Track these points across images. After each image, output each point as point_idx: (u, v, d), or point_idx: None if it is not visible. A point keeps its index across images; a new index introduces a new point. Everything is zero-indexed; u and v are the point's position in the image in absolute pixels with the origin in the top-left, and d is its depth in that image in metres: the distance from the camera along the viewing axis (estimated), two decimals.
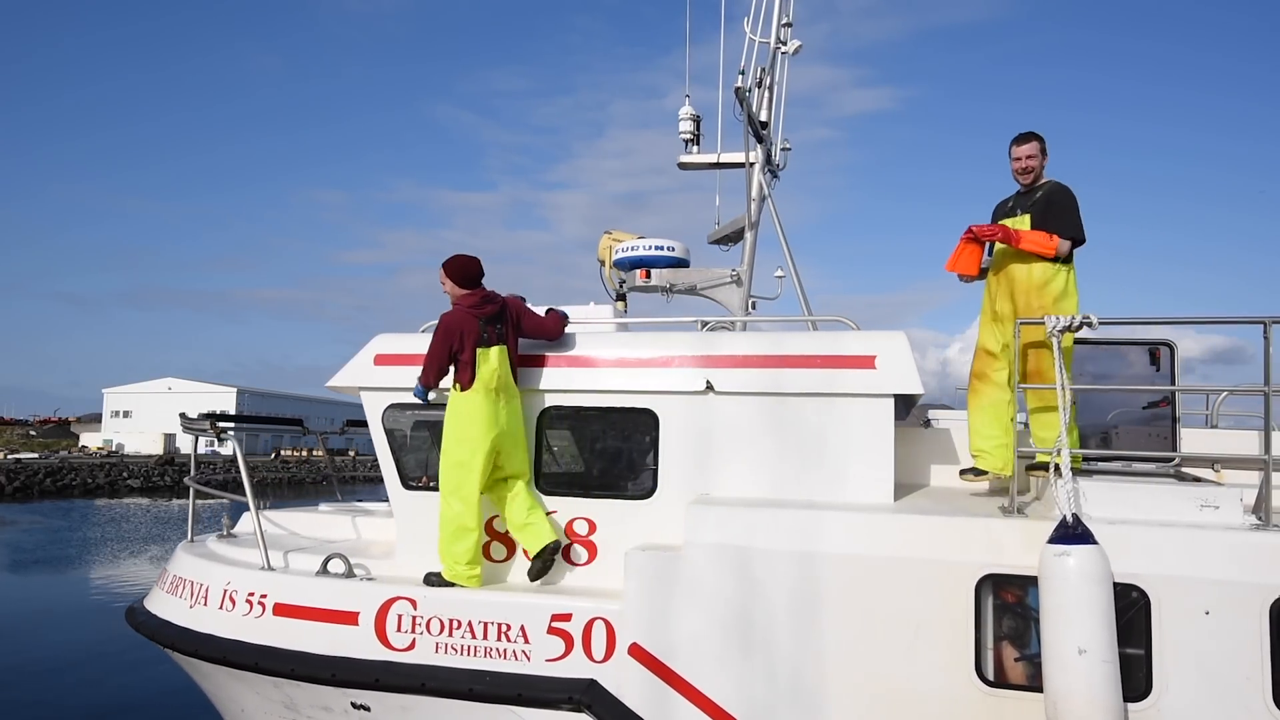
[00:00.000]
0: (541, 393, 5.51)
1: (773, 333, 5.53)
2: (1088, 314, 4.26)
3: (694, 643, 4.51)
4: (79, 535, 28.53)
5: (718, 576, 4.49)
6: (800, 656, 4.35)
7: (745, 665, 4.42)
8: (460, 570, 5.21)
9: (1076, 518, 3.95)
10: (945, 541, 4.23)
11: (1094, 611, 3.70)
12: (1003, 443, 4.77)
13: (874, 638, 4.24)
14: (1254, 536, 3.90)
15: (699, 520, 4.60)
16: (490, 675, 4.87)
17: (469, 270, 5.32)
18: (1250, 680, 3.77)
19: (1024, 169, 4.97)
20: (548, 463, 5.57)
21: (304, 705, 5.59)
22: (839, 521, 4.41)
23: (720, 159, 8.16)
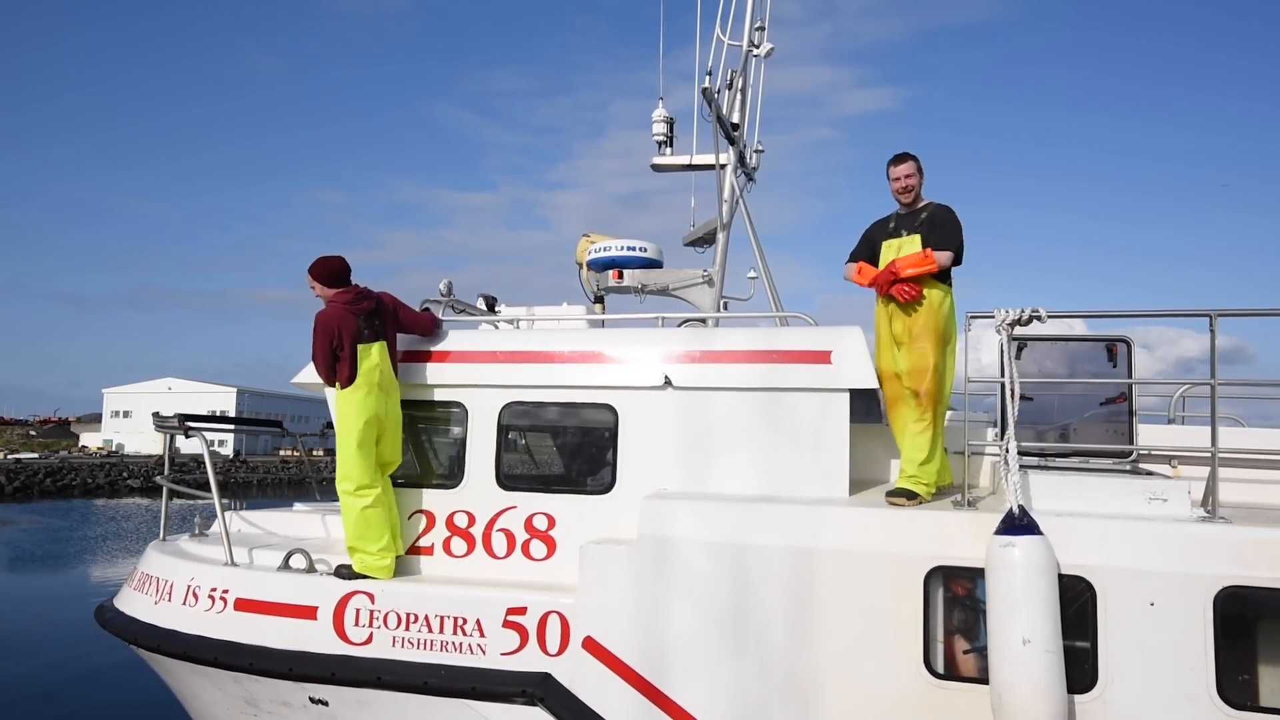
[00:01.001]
0: (501, 388, 5.52)
1: (732, 328, 5.53)
2: (1037, 308, 4.26)
3: (646, 636, 4.51)
4: (79, 535, 28.61)
5: (670, 570, 4.50)
6: (751, 649, 4.34)
7: (698, 658, 4.41)
8: (370, 562, 5.27)
9: (1023, 509, 3.95)
10: (894, 534, 4.23)
11: (1038, 602, 3.71)
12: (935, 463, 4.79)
13: (824, 630, 4.24)
14: (1198, 528, 3.91)
15: (652, 514, 4.61)
16: (445, 669, 4.88)
17: (335, 269, 5.42)
18: (1194, 671, 3.77)
19: (904, 188, 5.00)
20: (507, 458, 5.57)
21: (264, 700, 5.60)
22: (789, 515, 4.42)
23: (693, 161, 8.18)
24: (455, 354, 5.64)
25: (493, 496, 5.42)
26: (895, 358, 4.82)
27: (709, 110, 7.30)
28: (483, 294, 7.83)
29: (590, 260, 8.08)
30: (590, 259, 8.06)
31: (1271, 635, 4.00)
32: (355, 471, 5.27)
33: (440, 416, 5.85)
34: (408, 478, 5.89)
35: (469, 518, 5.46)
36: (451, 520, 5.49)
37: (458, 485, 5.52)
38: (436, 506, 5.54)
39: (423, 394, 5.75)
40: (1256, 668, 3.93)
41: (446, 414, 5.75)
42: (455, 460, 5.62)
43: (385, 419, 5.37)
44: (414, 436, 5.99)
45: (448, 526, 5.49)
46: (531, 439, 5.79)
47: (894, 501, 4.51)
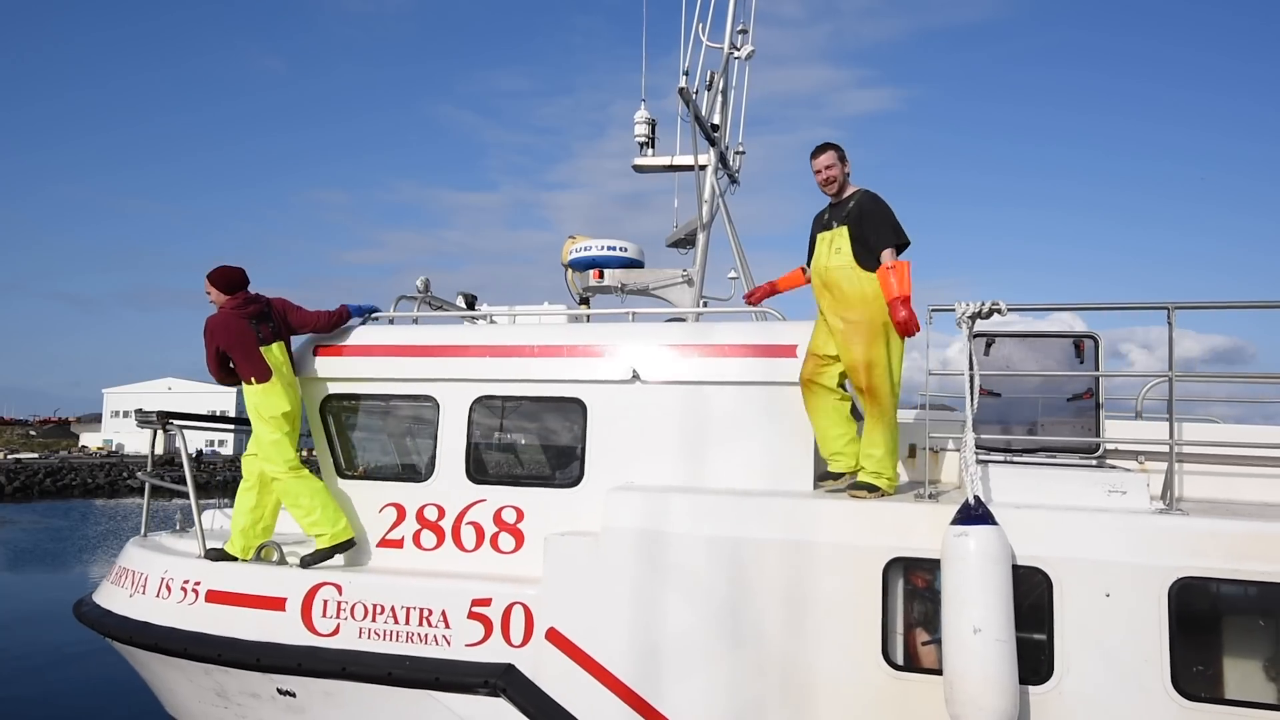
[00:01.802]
0: (472, 382, 5.54)
1: (699, 323, 5.56)
2: (997, 301, 4.27)
3: (610, 627, 4.52)
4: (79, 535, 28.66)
5: (633, 562, 4.51)
6: (713, 640, 4.35)
7: (661, 650, 4.42)
8: (339, 527, 5.46)
9: (978, 499, 3.96)
10: (854, 525, 4.24)
11: (991, 591, 3.71)
12: (852, 437, 4.77)
13: (786, 621, 4.25)
14: (1154, 520, 3.91)
15: (617, 506, 4.63)
16: (410, 660, 4.89)
17: (233, 278, 5.70)
18: (1149, 662, 3.76)
19: (826, 180, 4.93)
20: (477, 452, 5.59)
21: (233, 692, 5.62)
22: (750, 506, 4.43)
23: (674, 162, 8.22)
24: (427, 348, 5.67)
25: (462, 490, 5.44)
26: (826, 342, 4.75)
27: (687, 111, 7.35)
28: (463, 292, 7.88)
29: (571, 260, 8.13)
30: (571, 259, 8.12)
31: (1226, 626, 4.00)
32: (284, 454, 5.54)
33: (412, 410, 5.87)
34: (379, 471, 5.92)
35: (439, 511, 5.48)
36: (421, 513, 5.51)
37: (428, 479, 5.54)
38: (407, 500, 5.56)
39: (395, 388, 5.78)
40: (1211, 659, 3.93)
41: (418, 407, 5.77)
42: (426, 454, 5.65)
43: (296, 414, 5.65)
44: (386, 430, 6.02)
45: (418, 520, 5.51)
46: (502, 432, 5.81)
47: (855, 494, 4.52)
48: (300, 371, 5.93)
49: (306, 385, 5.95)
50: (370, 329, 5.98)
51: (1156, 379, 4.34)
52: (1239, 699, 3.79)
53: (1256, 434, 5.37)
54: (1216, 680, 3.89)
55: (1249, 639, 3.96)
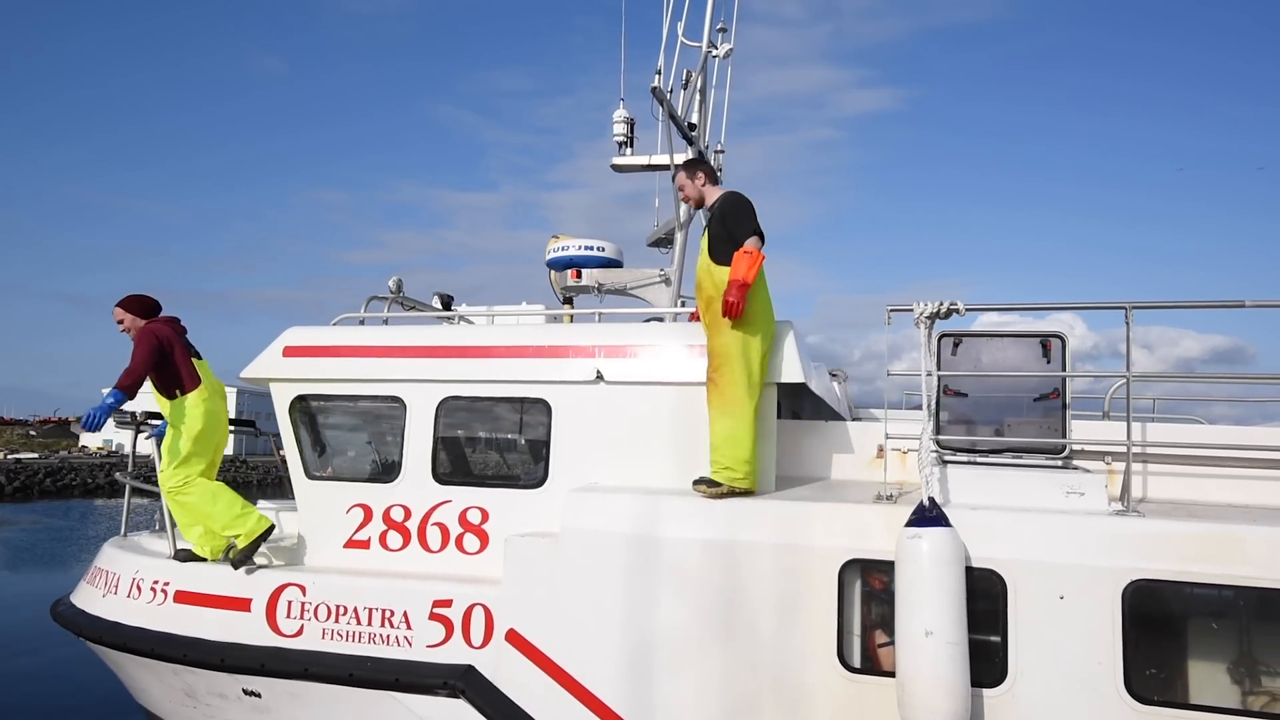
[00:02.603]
0: (439, 383, 5.53)
1: (662, 323, 5.54)
2: (955, 301, 4.24)
3: (568, 629, 4.50)
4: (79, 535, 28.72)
5: (592, 563, 4.49)
6: (671, 643, 4.33)
7: (619, 651, 4.40)
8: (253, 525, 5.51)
9: (933, 501, 3.93)
10: (810, 527, 4.21)
11: (942, 594, 3.68)
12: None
13: (743, 624, 4.22)
14: (1108, 521, 3.88)
15: (575, 507, 4.61)
16: (371, 661, 4.88)
17: (149, 304, 5.87)
18: (1102, 665, 3.73)
19: (684, 199, 5.08)
20: (443, 452, 5.58)
21: (202, 692, 5.63)
22: (707, 508, 4.40)
23: (652, 161, 8.21)
24: (394, 349, 5.66)
25: (428, 491, 5.43)
26: None
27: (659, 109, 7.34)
28: (438, 292, 7.88)
29: (549, 260, 8.14)
30: (549, 259, 8.12)
31: (1179, 629, 3.97)
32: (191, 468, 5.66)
33: (379, 411, 5.86)
34: (346, 472, 5.91)
35: (405, 512, 5.47)
36: (388, 514, 5.50)
37: (394, 479, 5.53)
38: (374, 501, 5.55)
39: (362, 388, 5.77)
40: (1164, 662, 3.89)
41: (386, 408, 5.76)
42: (393, 455, 5.64)
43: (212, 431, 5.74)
44: (354, 431, 6.01)
45: (384, 520, 5.50)
46: (468, 433, 5.80)
47: (696, 488, 4.50)
48: (269, 373, 5.94)
49: (275, 387, 5.96)
50: (339, 330, 5.98)
51: (1119, 379, 4.29)
52: (1192, 702, 3.76)
53: (1226, 434, 5.33)
54: (1169, 684, 3.86)
55: (1202, 642, 3.93)
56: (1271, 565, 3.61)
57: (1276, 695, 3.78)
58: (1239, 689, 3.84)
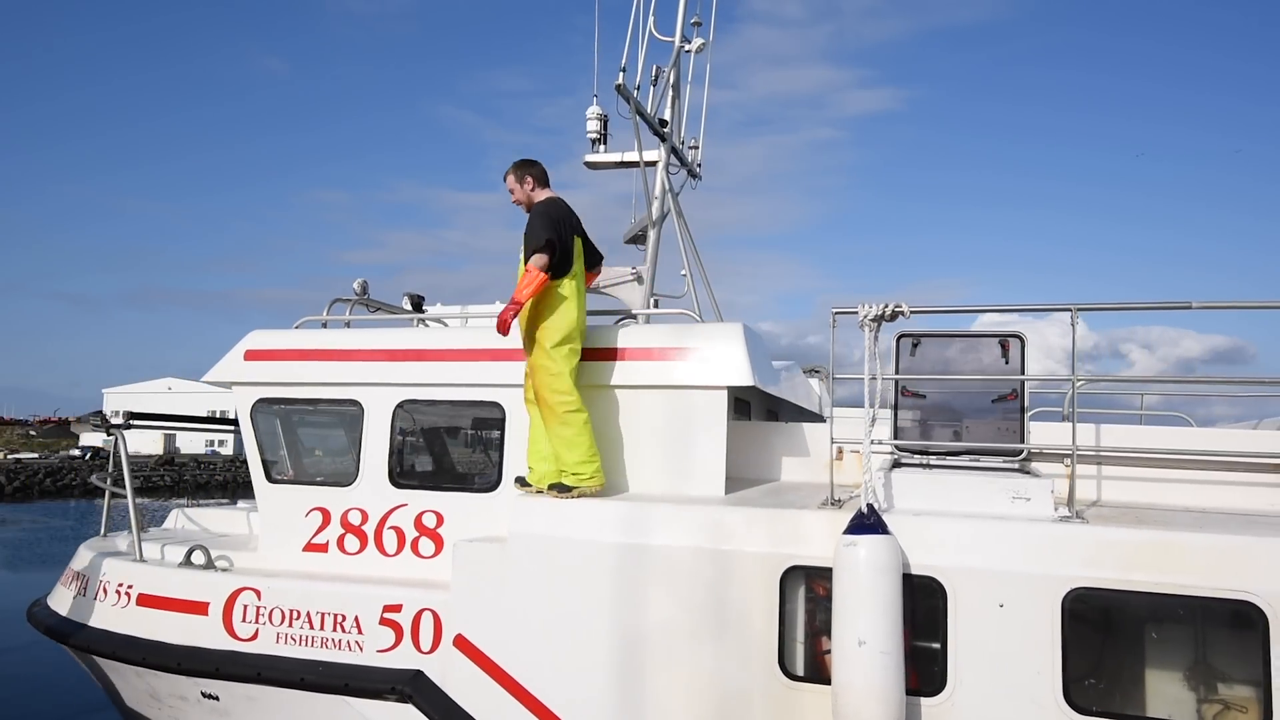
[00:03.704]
0: (396, 386, 5.51)
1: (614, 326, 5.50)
2: (900, 303, 4.19)
3: (514, 634, 4.48)
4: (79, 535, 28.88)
5: (538, 568, 4.47)
6: (613, 649, 4.30)
7: (563, 657, 4.38)
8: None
9: (871, 507, 3.88)
10: (752, 533, 4.17)
11: (878, 602, 3.62)
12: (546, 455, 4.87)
13: (684, 631, 4.19)
14: (1049, 528, 3.82)
15: (522, 512, 4.58)
16: (323, 665, 4.88)
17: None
18: (1041, 675, 3.68)
19: (515, 203, 5.10)
20: (399, 456, 5.55)
21: (164, 694, 5.65)
22: (650, 513, 4.37)
23: (624, 158, 8.15)
24: (352, 352, 5.64)
25: (385, 494, 5.41)
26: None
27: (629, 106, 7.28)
28: (408, 293, 7.85)
29: None
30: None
31: (1120, 638, 3.90)
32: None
33: (338, 414, 5.85)
34: (306, 475, 5.90)
35: (362, 515, 5.46)
36: (345, 518, 5.49)
37: (352, 483, 5.52)
38: (332, 504, 5.54)
39: (321, 392, 5.75)
40: (1103, 671, 3.83)
41: (344, 412, 5.75)
42: (351, 458, 5.62)
43: None
44: (314, 434, 6.00)
45: (342, 524, 5.49)
46: (424, 437, 5.78)
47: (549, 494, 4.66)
48: (231, 376, 5.93)
49: (237, 390, 5.95)
50: (299, 333, 5.96)
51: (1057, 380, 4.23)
52: (1129, 713, 3.70)
53: (1188, 438, 5.26)
54: (1109, 693, 3.79)
55: (1142, 651, 3.86)
56: (1213, 573, 3.54)
57: (1226, 704, 3.72)
58: (1179, 699, 3.78)
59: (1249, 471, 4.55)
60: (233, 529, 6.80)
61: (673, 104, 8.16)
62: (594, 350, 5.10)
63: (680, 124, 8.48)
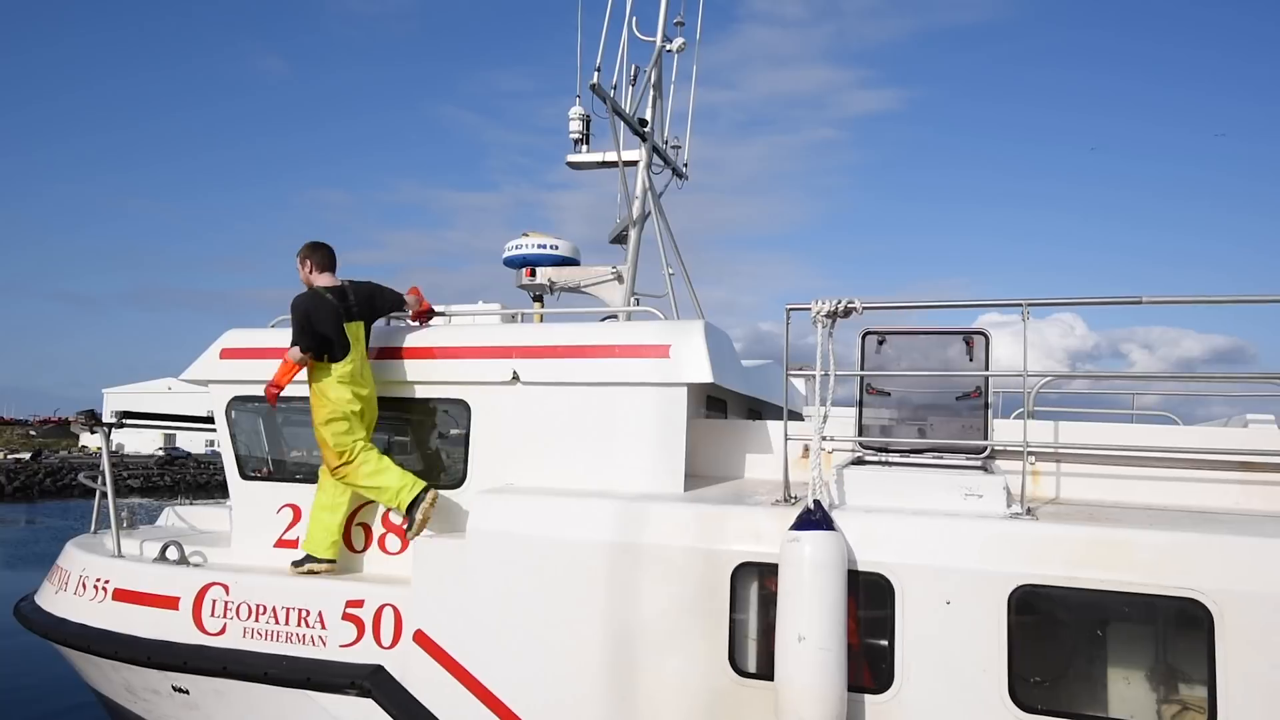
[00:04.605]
0: None
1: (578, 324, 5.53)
2: (853, 299, 4.20)
3: (473, 630, 4.51)
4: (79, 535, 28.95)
5: (496, 564, 4.49)
6: (569, 646, 4.32)
7: (519, 654, 4.40)
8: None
9: (818, 504, 3.88)
10: (706, 530, 4.17)
11: (819, 598, 3.62)
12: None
13: (640, 627, 4.20)
14: (996, 525, 3.81)
15: (481, 509, 4.61)
16: (286, 660, 4.91)
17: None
18: (987, 672, 3.66)
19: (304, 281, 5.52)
20: None
21: (138, 688, 5.70)
22: (606, 510, 4.39)
23: (606, 158, 8.18)
24: None
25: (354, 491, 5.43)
26: None
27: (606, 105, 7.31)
28: None
29: (505, 258, 8.13)
30: (505, 257, 8.11)
31: (1065, 636, 3.88)
32: None
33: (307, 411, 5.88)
34: (279, 472, 5.93)
35: None
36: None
37: None
38: (302, 500, 5.57)
39: (293, 389, 5.78)
40: (1049, 669, 3.80)
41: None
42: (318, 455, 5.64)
43: None
44: (287, 431, 6.03)
45: None
46: (395, 433, 5.81)
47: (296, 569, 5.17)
48: (206, 374, 5.98)
49: (213, 388, 5.99)
50: (274, 332, 5.99)
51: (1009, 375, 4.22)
52: (1075, 711, 3.68)
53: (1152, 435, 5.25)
54: (1054, 692, 3.77)
55: (1087, 649, 3.83)
56: (1159, 570, 3.53)
57: (1174, 703, 3.72)
58: (1126, 698, 3.76)
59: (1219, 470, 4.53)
60: (221, 526, 6.85)
61: (654, 104, 8.19)
62: (555, 348, 5.13)
63: (663, 124, 8.52)
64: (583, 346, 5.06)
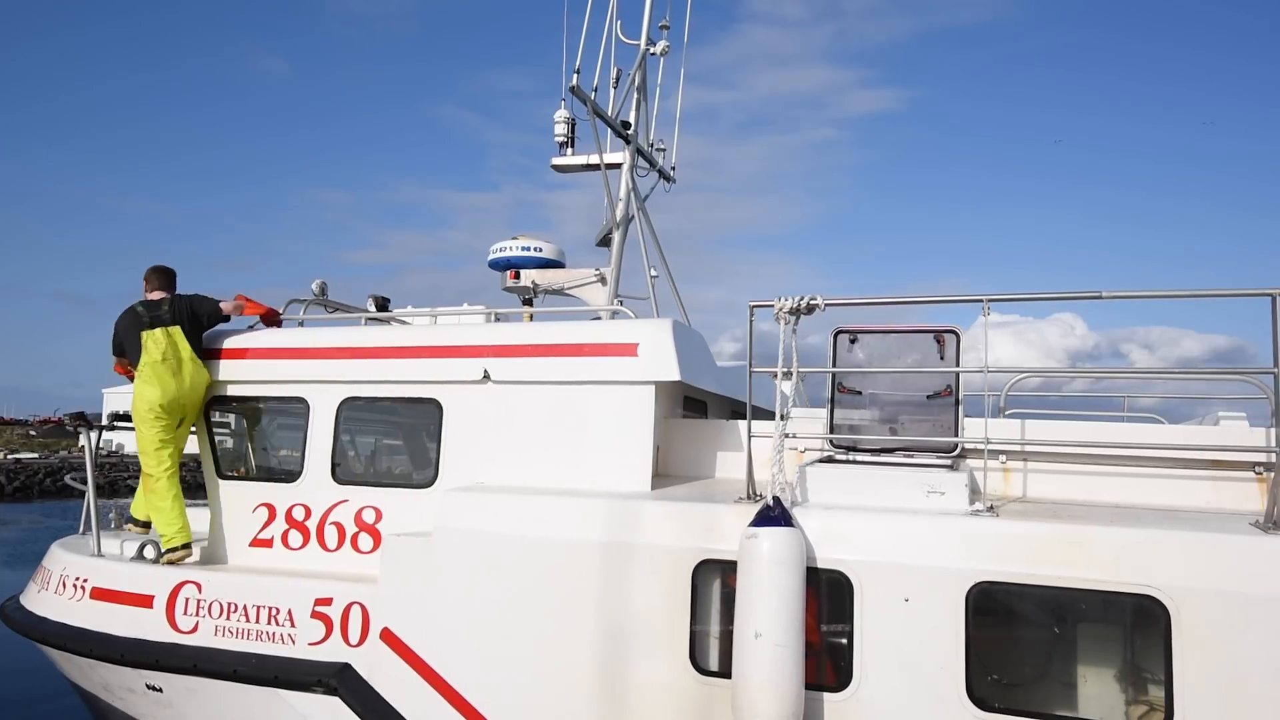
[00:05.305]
0: (340, 384, 5.57)
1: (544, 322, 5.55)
2: (815, 295, 4.21)
3: (438, 628, 4.51)
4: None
5: (462, 562, 4.50)
6: (533, 644, 4.32)
7: (483, 651, 4.40)
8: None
9: (777, 500, 3.88)
10: (668, 527, 4.18)
11: (776, 595, 3.61)
12: None
13: (603, 625, 4.20)
14: (954, 522, 3.80)
15: (448, 507, 4.62)
16: (256, 658, 4.93)
17: None
18: (945, 670, 3.65)
19: None
20: (341, 452, 5.60)
21: (115, 686, 5.73)
22: (569, 508, 4.39)
23: (589, 161, 8.22)
24: (298, 350, 5.72)
25: (327, 490, 5.47)
26: None
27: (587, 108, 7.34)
28: (373, 295, 7.92)
29: (490, 260, 8.17)
30: (490, 259, 8.15)
31: (1023, 633, 3.86)
32: None
33: (285, 411, 5.92)
34: (254, 472, 5.97)
35: (305, 511, 5.51)
36: (290, 514, 5.55)
37: (297, 479, 5.57)
38: (277, 500, 5.60)
39: (270, 389, 5.82)
40: (1006, 667, 3.79)
41: (291, 409, 5.81)
42: (297, 455, 5.68)
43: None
44: (263, 431, 6.07)
45: (286, 520, 5.55)
46: (366, 434, 5.84)
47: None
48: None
49: None
50: (251, 333, 6.03)
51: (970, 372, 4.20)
52: (1031, 710, 3.65)
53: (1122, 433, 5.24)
54: (1011, 690, 3.75)
55: (1045, 646, 3.82)
56: (1116, 567, 3.52)
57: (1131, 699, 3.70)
58: (1085, 695, 3.74)
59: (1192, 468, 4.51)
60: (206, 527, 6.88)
61: (638, 106, 8.23)
62: (526, 347, 5.14)
63: (649, 126, 8.56)
64: (553, 345, 5.08)
